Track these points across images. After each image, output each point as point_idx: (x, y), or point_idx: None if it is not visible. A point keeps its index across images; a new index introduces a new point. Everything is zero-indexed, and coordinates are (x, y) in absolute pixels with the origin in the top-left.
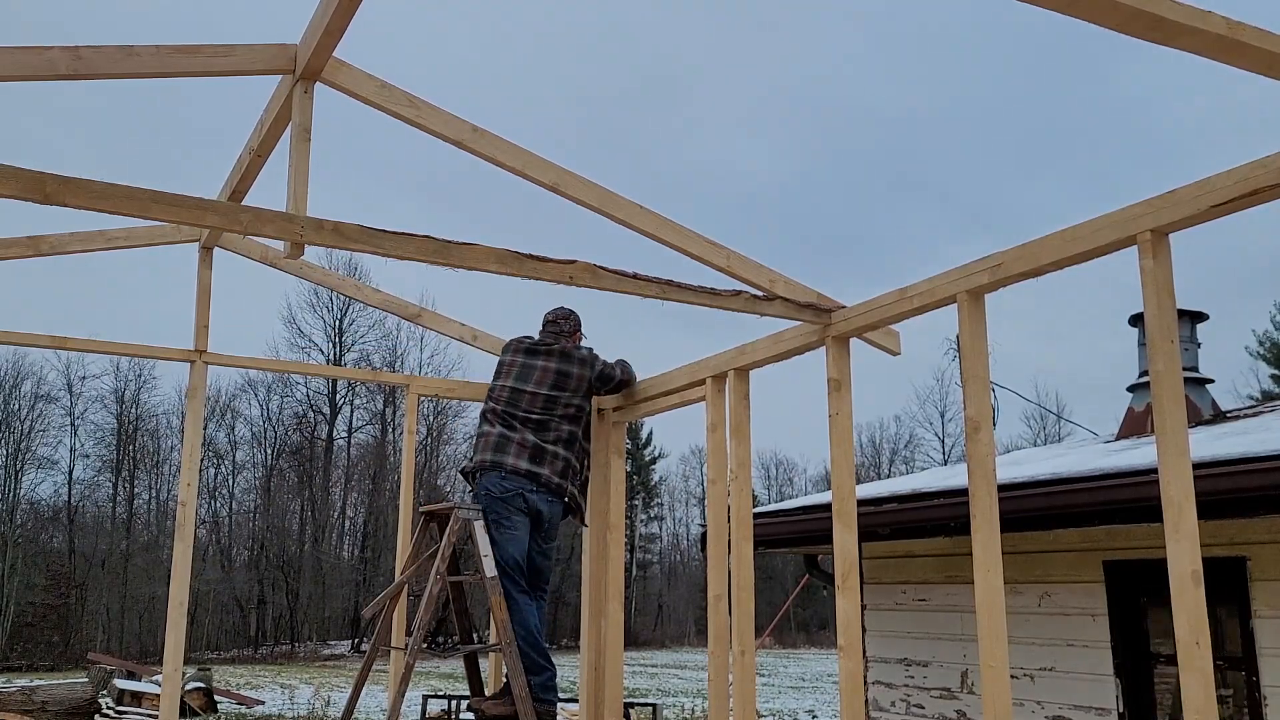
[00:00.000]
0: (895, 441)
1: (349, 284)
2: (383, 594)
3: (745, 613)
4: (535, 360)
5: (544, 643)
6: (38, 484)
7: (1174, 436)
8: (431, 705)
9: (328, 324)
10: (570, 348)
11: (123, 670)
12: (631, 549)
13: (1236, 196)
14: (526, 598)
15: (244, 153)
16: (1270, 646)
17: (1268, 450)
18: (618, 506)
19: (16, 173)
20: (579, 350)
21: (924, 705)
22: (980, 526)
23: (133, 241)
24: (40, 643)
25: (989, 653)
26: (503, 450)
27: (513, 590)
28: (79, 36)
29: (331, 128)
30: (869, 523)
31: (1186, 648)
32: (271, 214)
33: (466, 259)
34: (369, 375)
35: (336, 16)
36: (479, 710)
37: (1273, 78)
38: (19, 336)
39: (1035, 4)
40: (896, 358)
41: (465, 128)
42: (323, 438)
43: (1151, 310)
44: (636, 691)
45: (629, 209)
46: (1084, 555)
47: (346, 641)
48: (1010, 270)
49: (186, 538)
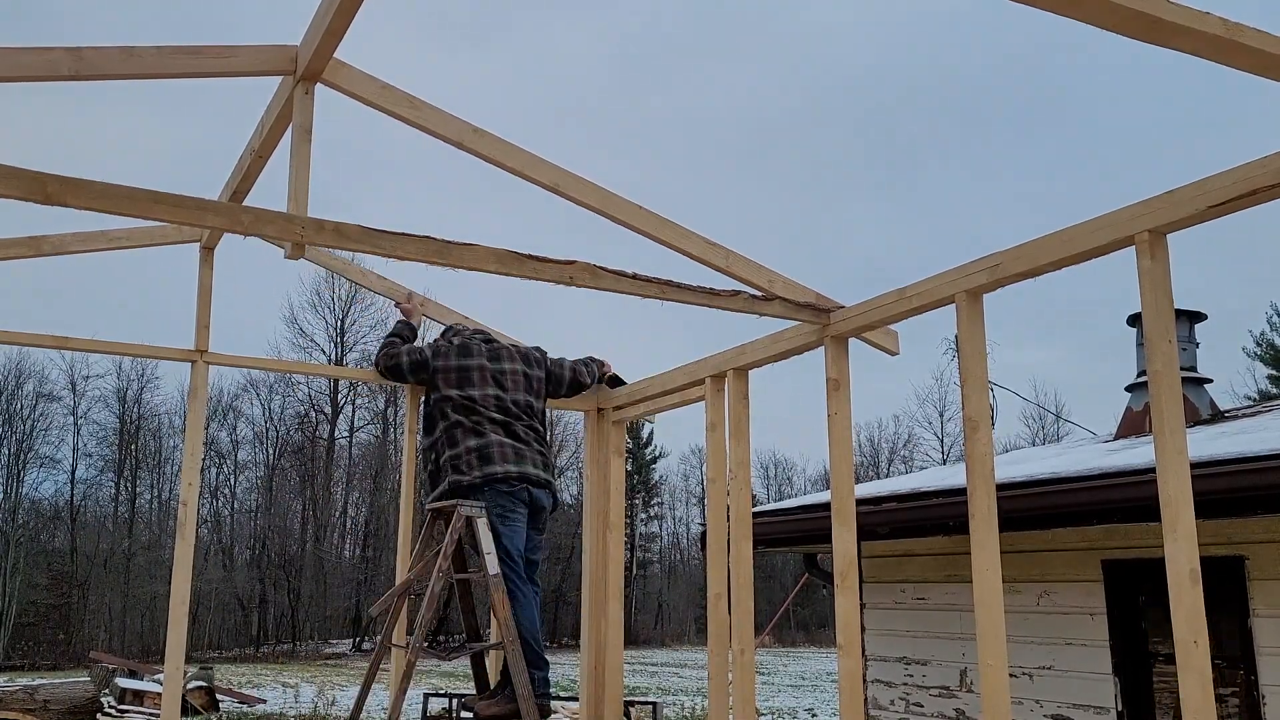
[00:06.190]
0: (894, 441)
1: (353, 269)
2: (389, 592)
3: (745, 611)
4: (501, 365)
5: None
6: (40, 483)
7: (1172, 436)
8: (433, 704)
9: (329, 324)
10: (527, 351)
11: (125, 669)
12: (631, 548)
13: (1235, 197)
14: (530, 588)
15: (245, 153)
16: (1268, 645)
17: (1265, 450)
18: (618, 506)
19: (18, 173)
20: (529, 350)
21: (923, 704)
22: (979, 526)
23: (134, 241)
24: (42, 642)
25: (988, 651)
26: (522, 460)
27: (517, 581)
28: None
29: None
30: (868, 522)
31: (1185, 647)
32: (272, 214)
33: (466, 259)
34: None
35: (337, 17)
36: (474, 710)
37: (1271, 79)
38: (21, 336)
39: (1034, 4)
40: (895, 357)
41: (465, 128)
42: (324, 437)
43: (1150, 310)
44: (637, 690)
45: (629, 209)
46: (1083, 554)
47: (348, 640)
48: (1009, 270)
49: (188, 537)
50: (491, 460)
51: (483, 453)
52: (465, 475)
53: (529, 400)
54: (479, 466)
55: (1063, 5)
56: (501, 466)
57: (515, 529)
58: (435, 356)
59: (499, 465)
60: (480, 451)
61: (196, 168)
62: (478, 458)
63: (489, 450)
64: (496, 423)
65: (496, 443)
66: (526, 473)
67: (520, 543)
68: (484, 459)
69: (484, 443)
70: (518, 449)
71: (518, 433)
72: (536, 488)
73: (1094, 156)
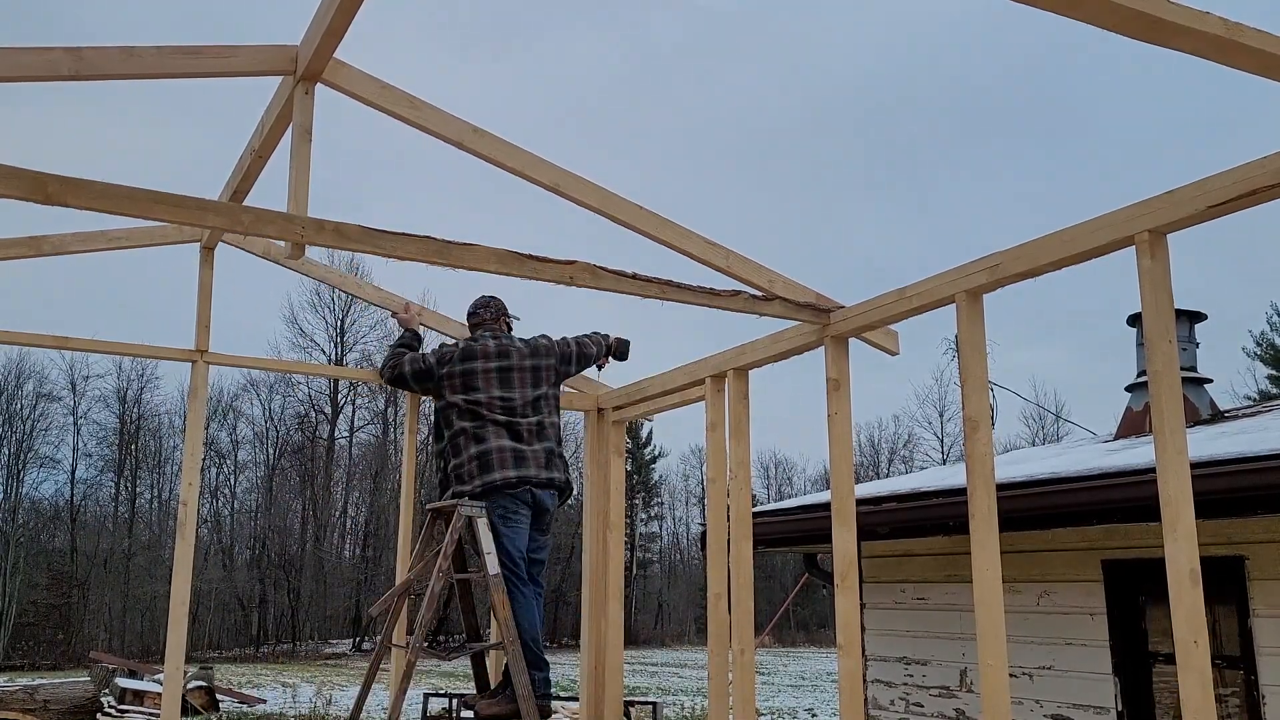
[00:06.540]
0: (894, 441)
1: (350, 281)
2: (389, 592)
3: (745, 611)
4: (509, 362)
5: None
6: (40, 483)
7: (1172, 436)
8: (433, 704)
9: (329, 324)
10: (534, 342)
11: (125, 669)
12: (631, 548)
13: (1235, 197)
14: (530, 589)
15: (245, 153)
16: (1268, 645)
17: (1265, 450)
18: (618, 506)
19: (18, 173)
20: (536, 341)
21: (923, 704)
22: (979, 526)
23: (134, 241)
24: (42, 642)
25: (988, 651)
26: (523, 464)
27: (517, 583)
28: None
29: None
30: (868, 522)
31: (1185, 647)
32: (273, 214)
33: (466, 259)
34: (371, 375)
35: (337, 17)
36: (475, 710)
37: (1271, 79)
38: (21, 336)
39: (1034, 5)
40: (895, 357)
41: (465, 128)
42: (324, 437)
43: (1150, 310)
44: (637, 690)
45: (629, 209)
46: (1083, 554)
47: (348, 640)
48: (1008, 270)
49: (188, 537)
50: (490, 468)
51: (483, 460)
52: (466, 484)
53: (538, 394)
54: (479, 475)
55: (1063, 5)
56: (500, 473)
57: (517, 530)
58: (440, 363)
59: (498, 472)
60: (481, 459)
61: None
62: (478, 466)
63: (489, 457)
64: (500, 424)
65: (497, 448)
66: (527, 475)
67: (522, 544)
68: (484, 467)
69: (485, 449)
70: (518, 451)
71: (521, 433)
72: (539, 489)
73: (1094, 158)
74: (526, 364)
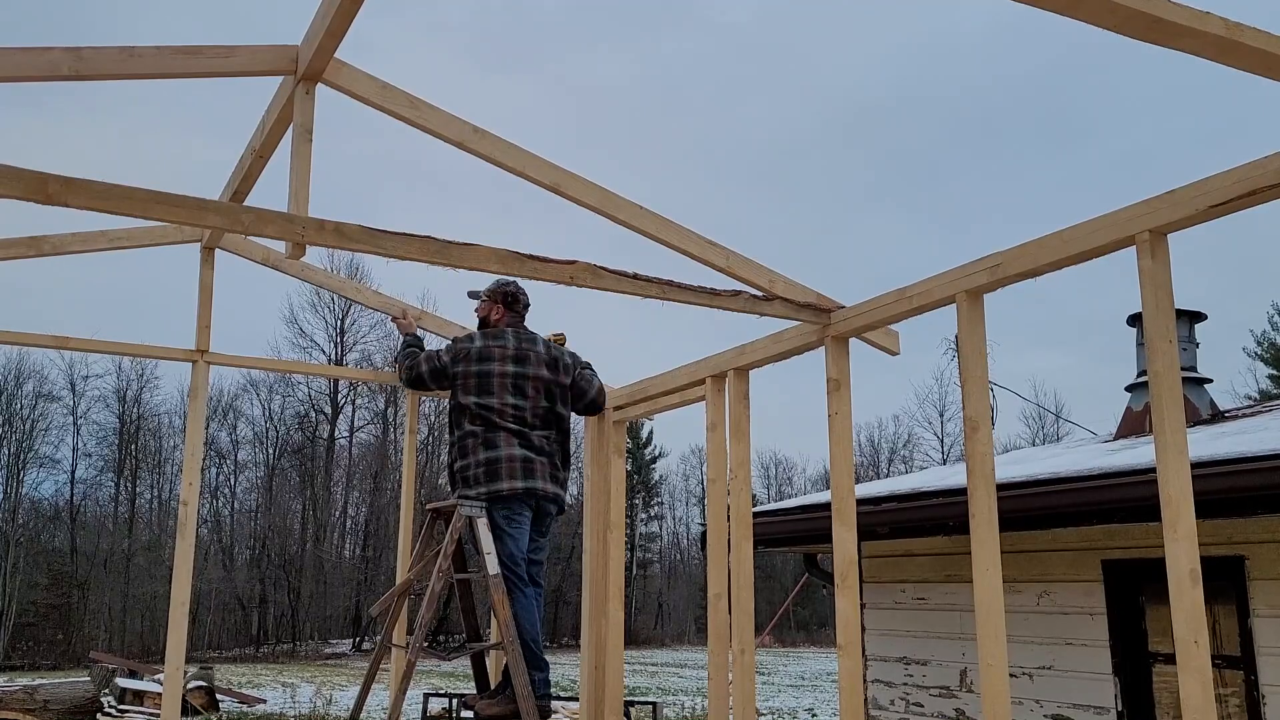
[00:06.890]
0: (894, 441)
1: (349, 286)
2: (389, 592)
3: (745, 611)
4: (525, 369)
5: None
6: (40, 483)
7: (1172, 436)
8: (433, 704)
9: (329, 324)
10: (556, 351)
11: (125, 669)
12: (632, 548)
13: (1235, 197)
14: (530, 589)
15: (245, 153)
16: (1268, 645)
17: (1266, 450)
18: (618, 506)
19: (19, 173)
20: (559, 353)
21: (923, 704)
22: (979, 526)
23: (134, 242)
24: (42, 642)
25: (988, 651)
26: (531, 475)
27: (517, 583)
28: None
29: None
30: (868, 522)
31: (1185, 647)
32: (273, 214)
33: (467, 259)
34: (370, 375)
35: (338, 17)
36: (475, 710)
37: (1272, 79)
38: (21, 336)
39: (1034, 5)
40: (895, 357)
41: (465, 128)
42: (324, 437)
43: (1150, 310)
44: (637, 690)
45: (629, 209)
46: (1083, 554)
47: (348, 640)
48: (1009, 270)
49: (188, 537)
50: (498, 477)
51: (491, 468)
52: (471, 490)
53: (550, 409)
54: (485, 482)
55: (1063, 5)
56: (508, 484)
57: (519, 531)
58: (455, 362)
59: (505, 482)
60: (489, 466)
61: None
62: (485, 473)
63: (498, 466)
64: (511, 433)
65: (507, 456)
66: (534, 488)
67: (523, 546)
68: (491, 475)
69: (494, 456)
70: (528, 462)
71: (533, 443)
72: (544, 501)
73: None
74: (544, 374)
